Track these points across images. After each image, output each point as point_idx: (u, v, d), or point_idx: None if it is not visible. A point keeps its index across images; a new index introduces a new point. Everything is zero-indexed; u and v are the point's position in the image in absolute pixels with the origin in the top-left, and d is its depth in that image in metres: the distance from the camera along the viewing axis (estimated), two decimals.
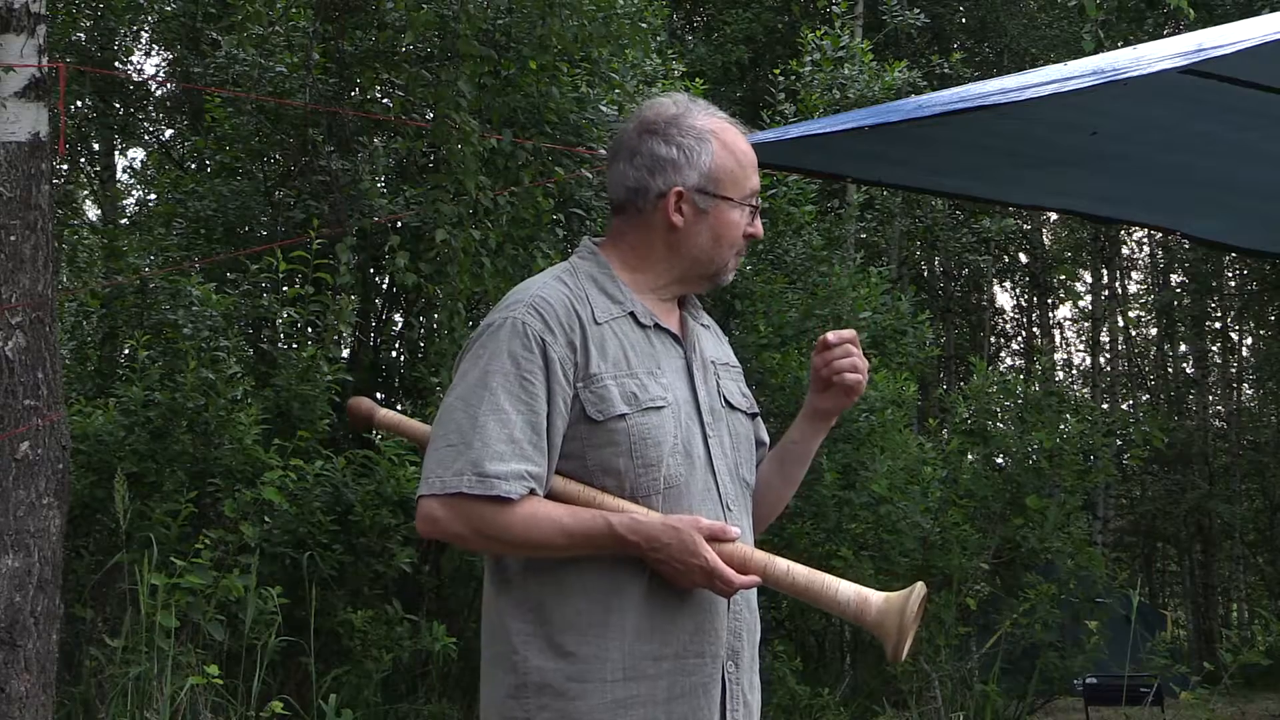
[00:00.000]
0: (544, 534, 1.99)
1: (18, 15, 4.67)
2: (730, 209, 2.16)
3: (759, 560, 2.04)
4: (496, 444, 1.98)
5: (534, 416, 2.01)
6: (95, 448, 6.72)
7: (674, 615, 2.03)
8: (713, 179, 2.15)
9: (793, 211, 9.35)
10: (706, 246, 2.16)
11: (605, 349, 2.07)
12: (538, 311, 2.05)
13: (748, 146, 2.21)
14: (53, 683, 4.62)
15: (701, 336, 2.24)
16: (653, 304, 2.17)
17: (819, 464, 8.40)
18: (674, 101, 2.21)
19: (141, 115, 14.87)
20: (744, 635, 2.13)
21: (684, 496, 2.07)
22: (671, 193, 2.14)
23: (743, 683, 2.13)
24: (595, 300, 2.11)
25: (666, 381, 2.10)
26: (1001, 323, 25.39)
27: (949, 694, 8.21)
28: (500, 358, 2.03)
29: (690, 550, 1.97)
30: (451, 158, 6.56)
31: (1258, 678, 13.79)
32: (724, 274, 2.21)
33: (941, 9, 17.25)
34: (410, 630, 6.66)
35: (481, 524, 1.99)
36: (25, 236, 4.62)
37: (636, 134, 2.19)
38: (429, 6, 7.41)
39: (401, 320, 9.61)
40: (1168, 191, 4.96)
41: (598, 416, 2.04)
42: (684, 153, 2.14)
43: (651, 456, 2.05)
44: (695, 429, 2.11)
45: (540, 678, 2.00)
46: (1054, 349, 25.17)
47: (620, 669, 2.00)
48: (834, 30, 10.84)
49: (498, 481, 1.97)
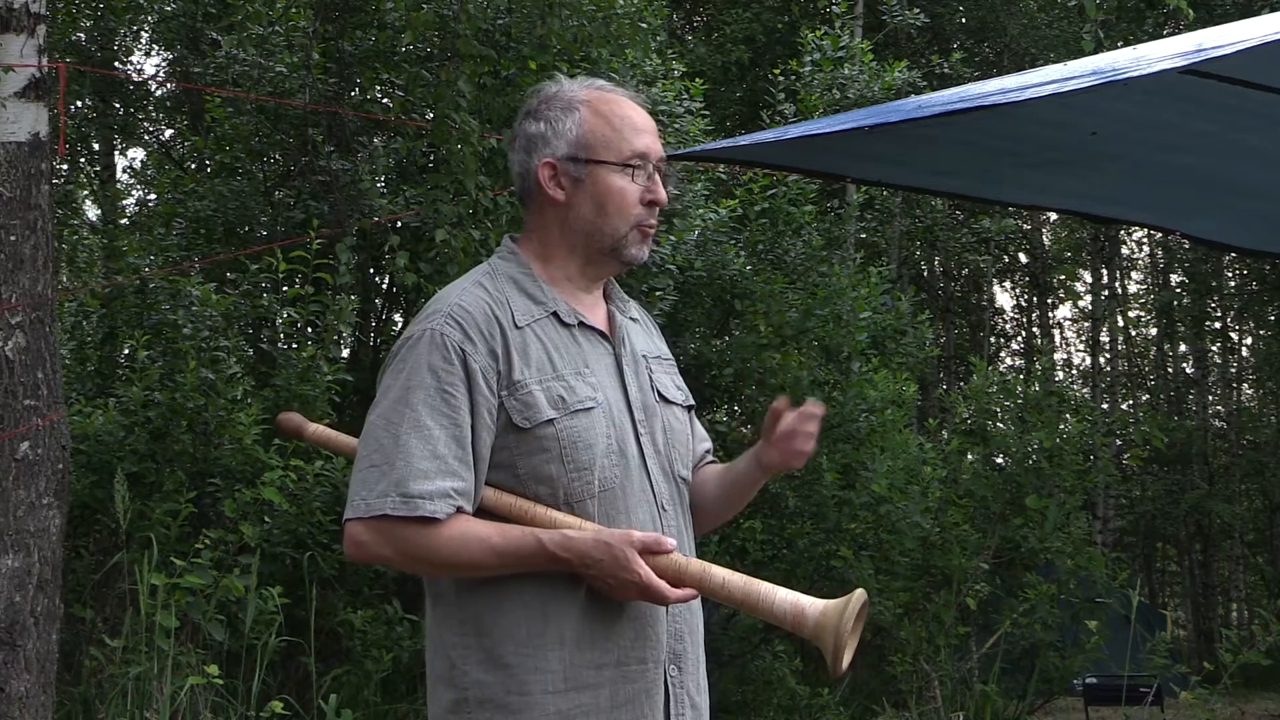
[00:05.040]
0: (472, 555, 1.94)
1: (18, 15, 4.67)
2: (609, 173, 2.09)
3: (694, 571, 1.99)
4: (420, 462, 1.93)
5: (457, 430, 1.96)
6: (95, 448, 6.73)
7: (613, 622, 2.00)
8: (582, 144, 2.09)
9: (793, 211, 9.35)
10: (591, 216, 2.10)
11: (528, 354, 2.02)
12: (456, 321, 2.00)
13: (631, 111, 2.15)
14: (53, 683, 4.62)
15: (630, 330, 2.19)
16: (574, 298, 2.12)
17: (819, 464, 8.41)
18: (554, 82, 2.19)
19: (141, 115, 14.86)
20: (685, 637, 2.09)
21: (619, 499, 2.03)
22: (543, 164, 2.10)
23: (687, 685, 2.08)
24: (515, 303, 2.06)
25: (595, 381, 2.06)
26: (1001, 323, 25.39)
27: (949, 694, 8.21)
28: (420, 372, 1.97)
29: (623, 566, 1.93)
30: (451, 158, 6.56)
31: (1257, 677, 13.80)
32: (626, 247, 2.12)
33: (941, 9, 17.24)
34: (410, 630, 6.66)
35: (408, 546, 1.94)
36: (25, 236, 4.62)
37: (520, 119, 2.17)
38: (429, 6, 7.40)
39: (401, 320, 9.61)
40: (1168, 191, 4.95)
41: (525, 424, 1.99)
42: (550, 125, 2.12)
43: (584, 460, 2.00)
44: (628, 427, 2.08)
45: (480, 692, 1.97)
46: (1054, 349, 25.17)
47: (561, 679, 1.96)
48: (834, 30, 10.83)
49: (422, 502, 1.92)
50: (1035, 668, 9.06)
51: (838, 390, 8.84)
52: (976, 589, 8.84)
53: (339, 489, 6.72)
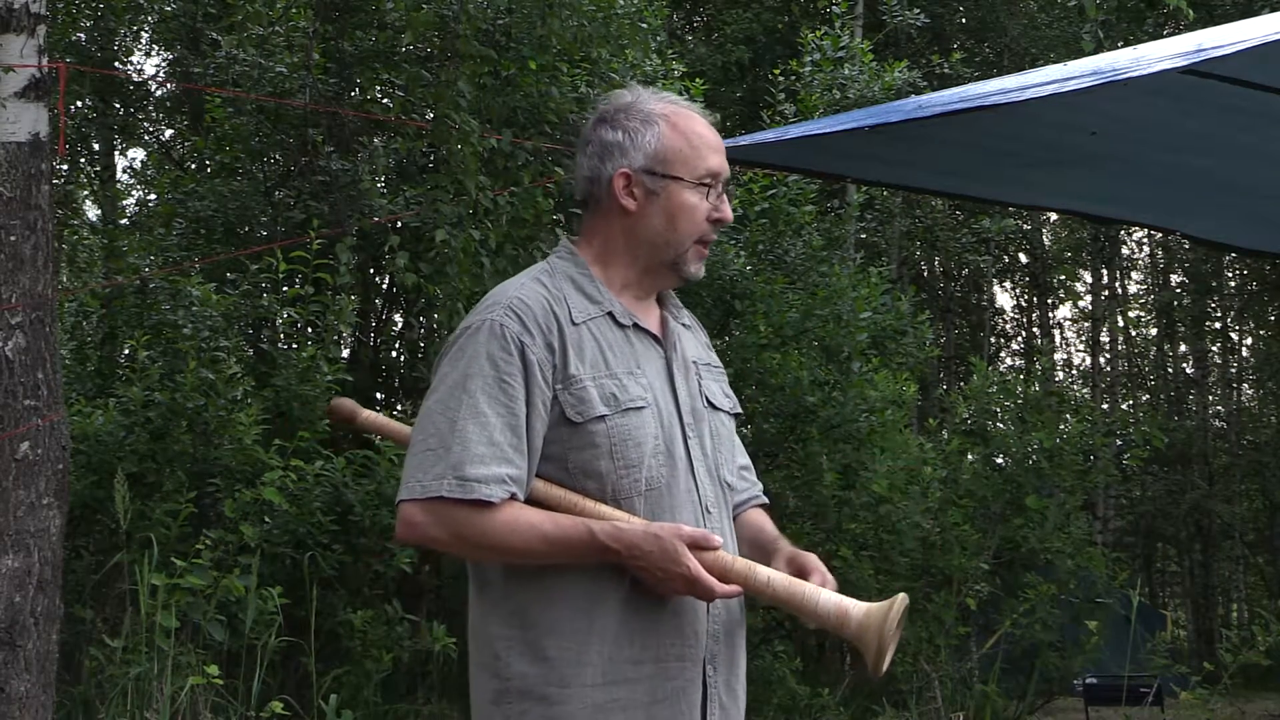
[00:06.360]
0: (524, 540, 1.97)
1: (18, 15, 4.67)
2: (682, 189, 2.13)
3: (739, 569, 2.02)
4: (476, 447, 1.97)
5: (513, 419, 2.00)
6: (95, 448, 6.73)
7: (654, 619, 2.02)
8: (660, 159, 2.13)
9: (793, 211, 9.36)
10: (661, 229, 2.14)
11: (583, 350, 2.06)
12: (515, 313, 2.04)
13: (705, 129, 2.18)
14: (53, 683, 4.62)
15: (683, 336, 2.22)
16: (630, 303, 2.16)
17: (819, 464, 8.41)
18: (630, 91, 2.22)
19: (141, 115, 14.86)
20: (723, 638, 2.11)
21: (664, 498, 2.06)
22: (618, 174, 2.13)
23: (719, 686, 2.10)
24: (573, 300, 2.10)
25: (646, 381, 2.10)
26: (1001, 323, 25.38)
27: (949, 694, 8.21)
28: (479, 360, 2.02)
29: (672, 558, 1.96)
30: (451, 158, 6.56)
31: (1258, 678, 13.79)
32: (685, 263, 2.16)
33: (941, 9, 17.24)
34: (410, 630, 6.67)
35: (461, 528, 1.98)
36: (25, 236, 4.62)
37: (591, 126, 2.20)
38: (429, 6, 7.40)
39: (401, 320, 9.62)
40: (1168, 191, 4.95)
41: (577, 418, 2.02)
42: (629, 135, 2.14)
43: (633, 458, 2.04)
44: (676, 430, 2.11)
45: (522, 683, 2.00)
46: (1054, 349, 25.16)
47: (600, 673, 1.99)
48: (834, 30, 10.83)
49: (478, 485, 1.96)
50: (1035, 668, 9.06)
51: (838, 390, 8.85)
52: (976, 589, 8.85)
53: (339, 489, 6.72)
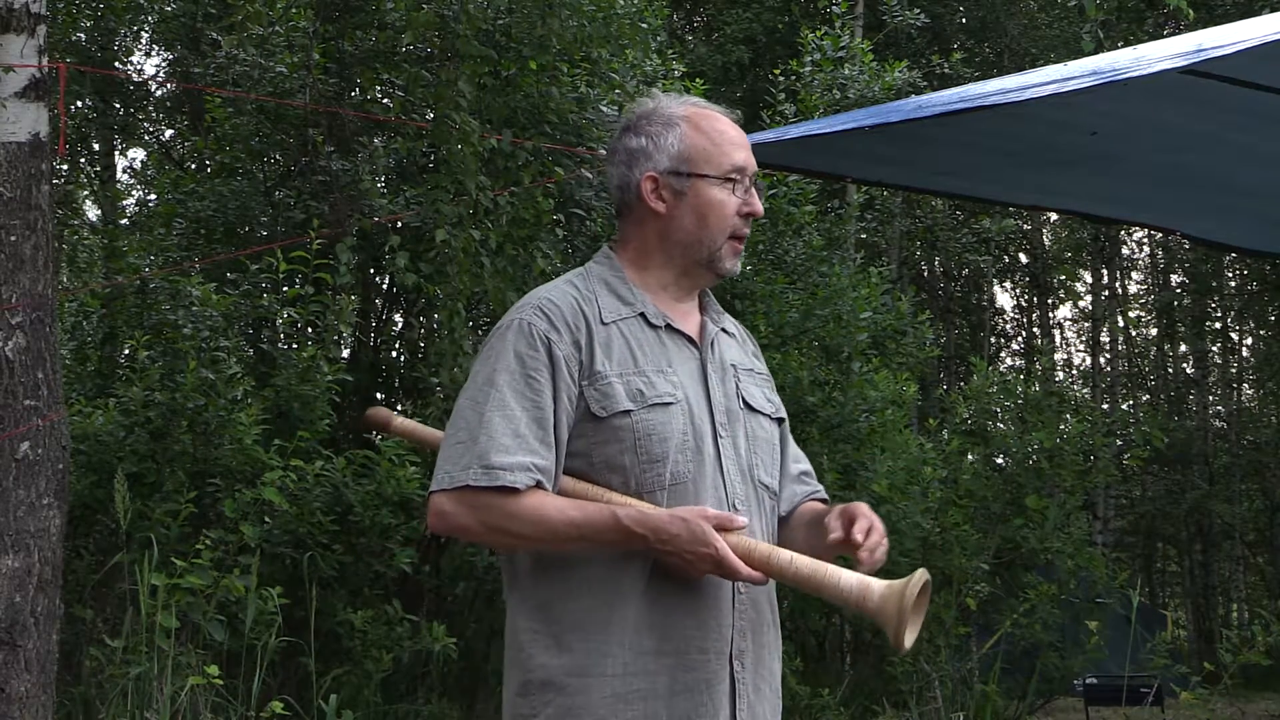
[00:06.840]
0: (551, 525, 2.01)
1: (18, 15, 4.67)
2: (709, 186, 2.18)
3: (762, 551, 2.05)
4: (502, 438, 2.03)
5: (540, 412, 2.06)
6: (95, 448, 6.72)
7: (676, 611, 2.05)
8: (684, 159, 2.18)
9: (793, 211, 9.35)
10: (692, 228, 2.18)
11: (610, 348, 2.11)
12: (544, 312, 2.11)
13: (727, 126, 2.23)
14: (53, 683, 4.62)
15: (722, 341, 2.26)
16: (669, 305, 2.21)
17: (819, 464, 8.40)
18: (651, 99, 2.27)
19: (141, 115, 14.87)
20: (750, 635, 2.12)
21: (689, 493, 2.08)
22: (645, 178, 2.19)
23: (748, 683, 2.11)
24: (604, 301, 2.16)
25: (677, 380, 2.13)
26: (1001, 323, 25.40)
27: (949, 694, 8.21)
28: (506, 357, 2.09)
29: (699, 539, 1.98)
30: (451, 158, 6.56)
31: (1258, 678, 13.80)
32: (721, 259, 2.21)
33: (941, 9, 17.25)
34: (410, 630, 6.66)
35: (488, 515, 2.03)
36: (25, 236, 4.62)
37: (617, 136, 2.26)
38: (429, 6, 7.40)
39: (401, 320, 9.61)
40: (1168, 191, 4.96)
41: (601, 413, 2.07)
42: (652, 139, 2.21)
43: (656, 452, 2.07)
44: (707, 427, 2.13)
45: (544, 675, 2.04)
46: (1054, 349, 25.17)
47: (621, 664, 2.02)
48: (834, 30, 10.84)
49: (503, 473, 2.01)
50: (1035, 668, 9.06)
51: (838, 390, 8.85)
52: (977, 589, 8.84)
53: (339, 489, 6.72)
